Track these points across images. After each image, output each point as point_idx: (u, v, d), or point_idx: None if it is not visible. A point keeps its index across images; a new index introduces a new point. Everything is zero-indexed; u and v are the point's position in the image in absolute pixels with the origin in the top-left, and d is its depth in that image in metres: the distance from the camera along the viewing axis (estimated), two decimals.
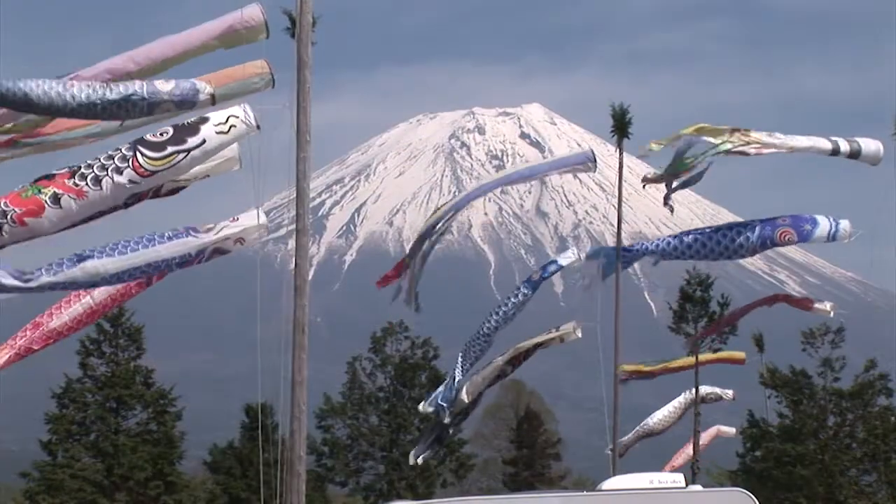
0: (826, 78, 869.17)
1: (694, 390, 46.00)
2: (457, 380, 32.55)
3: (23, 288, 19.25)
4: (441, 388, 33.68)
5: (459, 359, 32.60)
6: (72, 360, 58.98)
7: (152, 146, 18.53)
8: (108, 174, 18.44)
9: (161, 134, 18.69)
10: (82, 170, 18.53)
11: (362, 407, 68.04)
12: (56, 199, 18.33)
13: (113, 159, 18.56)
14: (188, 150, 18.70)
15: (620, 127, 38.61)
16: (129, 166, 18.46)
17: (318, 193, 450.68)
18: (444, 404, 32.86)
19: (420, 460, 36.06)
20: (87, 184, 18.39)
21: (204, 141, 18.85)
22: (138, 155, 18.49)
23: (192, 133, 18.80)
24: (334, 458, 67.31)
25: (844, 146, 28.42)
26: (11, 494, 70.69)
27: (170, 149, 18.56)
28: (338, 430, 67.98)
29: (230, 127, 18.98)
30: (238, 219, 20.51)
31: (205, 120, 18.91)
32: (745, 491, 21.75)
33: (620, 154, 38.53)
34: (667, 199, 29.75)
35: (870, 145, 28.60)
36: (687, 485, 21.74)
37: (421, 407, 35.12)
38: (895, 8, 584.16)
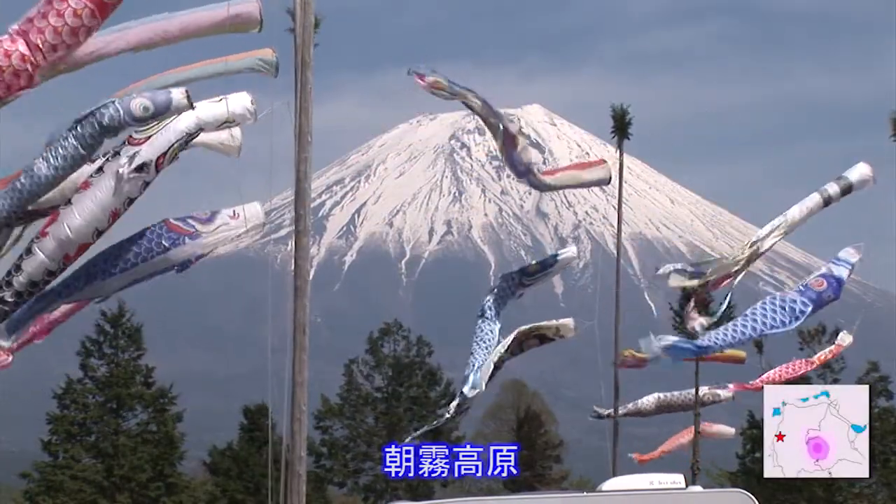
0: (826, 78, 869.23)
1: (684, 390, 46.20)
2: (476, 368, 31.13)
3: (34, 310, 19.14)
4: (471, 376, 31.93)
5: (478, 354, 31.14)
6: (72, 361, 59.11)
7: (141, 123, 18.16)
8: (107, 161, 18.20)
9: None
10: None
11: (359, 408, 68.13)
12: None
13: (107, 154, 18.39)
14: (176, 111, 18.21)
15: (621, 128, 38.71)
16: (125, 144, 18.19)
17: (318, 194, 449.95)
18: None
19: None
20: (91, 176, 18.20)
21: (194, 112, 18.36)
22: (132, 133, 18.19)
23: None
24: (333, 459, 67.35)
25: (833, 188, 28.09)
26: (11, 495, 70.60)
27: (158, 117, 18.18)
28: (336, 432, 68.04)
29: (220, 104, 18.61)
30: (238, 215, 19.96)
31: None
32: (744, 492, 21.78)
33: (621, 155, 38.63)
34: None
35: (855, 174, 28.22)
36: (687, 486, 21.77)
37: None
38: (895, 8, 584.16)
